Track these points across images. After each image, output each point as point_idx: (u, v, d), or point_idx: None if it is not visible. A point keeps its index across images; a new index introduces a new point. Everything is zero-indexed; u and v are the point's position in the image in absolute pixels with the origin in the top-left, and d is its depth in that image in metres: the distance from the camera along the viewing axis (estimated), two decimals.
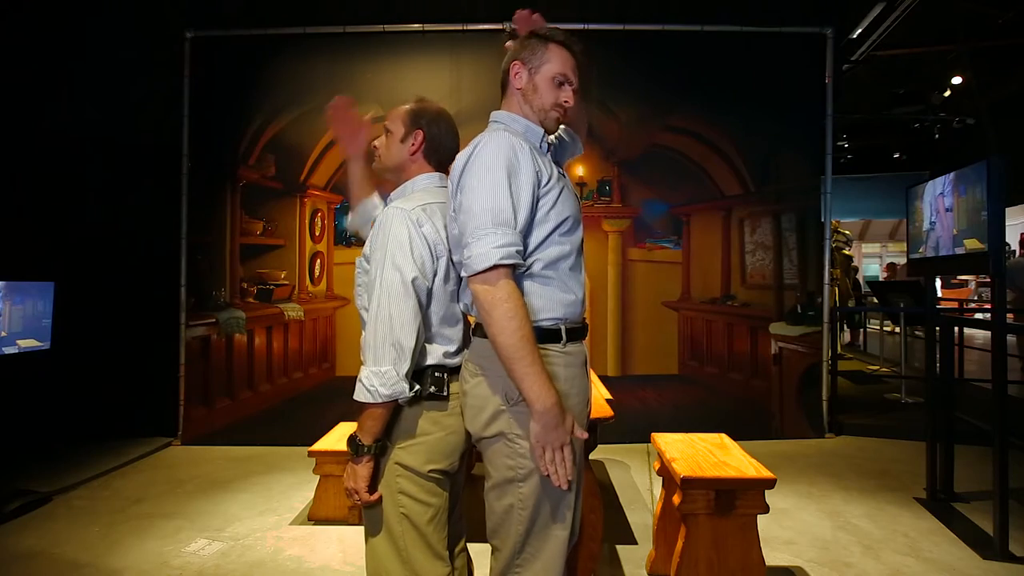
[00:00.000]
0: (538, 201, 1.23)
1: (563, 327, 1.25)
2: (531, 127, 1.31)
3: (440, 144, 1.41)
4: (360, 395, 1.22)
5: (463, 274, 1.21)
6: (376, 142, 1.46)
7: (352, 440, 1.27)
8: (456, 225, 1.23)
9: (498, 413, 1.23)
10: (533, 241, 1.23)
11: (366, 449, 1.25)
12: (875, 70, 7.12)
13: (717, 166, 4.26)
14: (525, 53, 1.32)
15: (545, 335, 1.23)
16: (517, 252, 1.17)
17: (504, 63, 1.35)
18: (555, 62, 1.30)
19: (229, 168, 4.22)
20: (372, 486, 1.28)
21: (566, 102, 1.31)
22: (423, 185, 1.40)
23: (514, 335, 1.13)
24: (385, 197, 1.54)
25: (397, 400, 1.24)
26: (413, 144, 1.40)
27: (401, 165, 1.42)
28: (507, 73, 1.34)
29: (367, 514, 1.33)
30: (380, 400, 1.21)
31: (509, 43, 1.37)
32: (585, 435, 1.19)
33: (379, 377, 1.20)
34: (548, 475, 1.16)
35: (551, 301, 1.24)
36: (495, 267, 1.14)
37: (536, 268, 1.24)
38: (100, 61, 4.12)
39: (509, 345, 1.13)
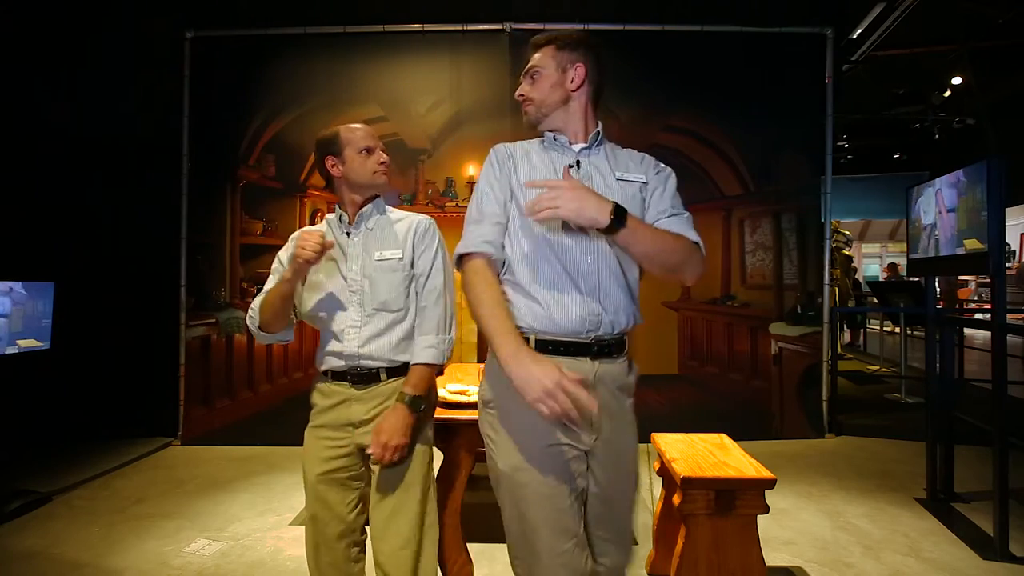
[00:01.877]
0: (512, 193, 1.27)
1: (532, 337, 1.21)
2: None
3: None
4: (438, 358, 1.49)
5: None
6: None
7: (416, 399, 1.47)
8: None
9: (481, 414, 1.28)
10: (508, 231, 1.28)
11: (422, 404, 1.49)
12: (875, 70, 7.11)
13: (717, 166, 4.26)
14: None
15: None
16: (483, 242, 1.22)
17: None
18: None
19: (229, 168, 4.22)
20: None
21: (521, 95, 1.33)
22: None
23: (479, 309, 1.17)
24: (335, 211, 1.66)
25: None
26: None
27: None
28: None
29: (399, 477, 1.51)
30: (445, 361, 1.52)
31: None
32: (575, 378, 1.06)
33: (448, 343, 1.52)
34: (565, 422, 1.08)
35: (519, 308, 1.23)
36: (460, 257, 1.24)
37: (509, 268, 1.26)
38: (100, 61, 4.12)
39: (479, 319, 1.17)
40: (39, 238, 3.89)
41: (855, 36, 5.25)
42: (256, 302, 1.56)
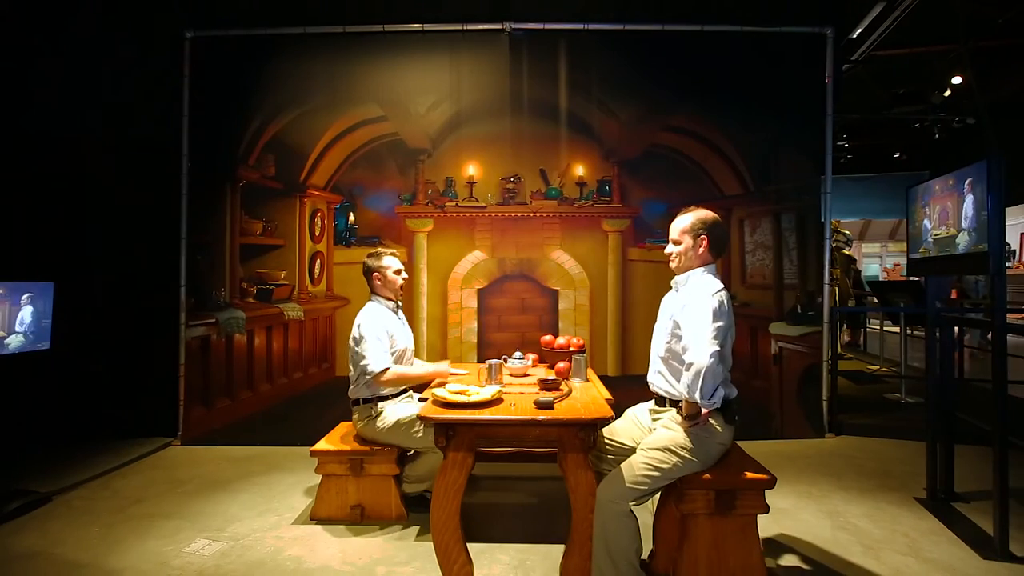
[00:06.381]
0: None
1: None
2: None
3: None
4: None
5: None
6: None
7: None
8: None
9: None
10: None
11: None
12: (875, 70, 7.11)
13: (717, 166, 4.26)
14: None
15: None
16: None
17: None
18: None
19: (229, 168, 4.22)
20: None
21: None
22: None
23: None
24: None
25: None
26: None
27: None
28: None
29: None
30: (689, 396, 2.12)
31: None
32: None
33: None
34: None
35: None
36: None
37: None
38: (100, 61, 4.12)
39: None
40: (39, 238, 3.89)
41: (855, 36, 5.26)
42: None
